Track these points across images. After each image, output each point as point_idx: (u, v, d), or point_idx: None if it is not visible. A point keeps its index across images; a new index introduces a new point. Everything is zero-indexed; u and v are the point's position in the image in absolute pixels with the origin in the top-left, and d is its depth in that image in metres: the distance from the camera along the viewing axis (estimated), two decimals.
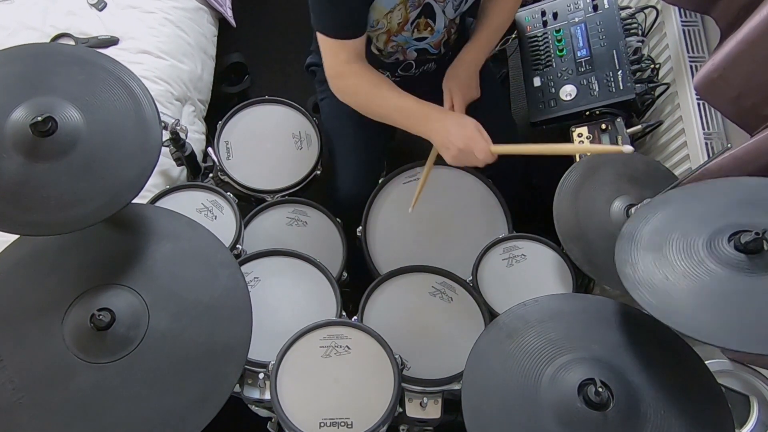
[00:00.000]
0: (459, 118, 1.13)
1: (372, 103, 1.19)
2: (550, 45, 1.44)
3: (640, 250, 0.82)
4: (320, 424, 1.03)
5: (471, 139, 1.09)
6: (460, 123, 1.11)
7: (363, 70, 1.18)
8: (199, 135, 1.70)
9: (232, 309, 0.92)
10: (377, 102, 1.18)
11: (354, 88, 1.19)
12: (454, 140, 1.09)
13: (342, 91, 1.22)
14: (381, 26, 1.18)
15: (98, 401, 0.83)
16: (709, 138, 1.20)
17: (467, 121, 1.12)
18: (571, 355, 0.81)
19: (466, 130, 1.10)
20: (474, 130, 1.10)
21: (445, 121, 1.12)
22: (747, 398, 0.96)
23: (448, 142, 1.10)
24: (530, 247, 1.29)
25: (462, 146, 1.09)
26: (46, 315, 0.87)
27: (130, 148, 0.89)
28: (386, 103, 1.17)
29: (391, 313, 1.21)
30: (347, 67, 1.17)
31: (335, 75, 1.19)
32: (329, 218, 1.38)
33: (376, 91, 1.17)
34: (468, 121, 1.12)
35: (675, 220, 0.84)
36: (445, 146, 1.11)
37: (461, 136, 1.09)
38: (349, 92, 1.21)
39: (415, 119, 1.15)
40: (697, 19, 1.31)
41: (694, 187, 0.93)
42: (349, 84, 1.20)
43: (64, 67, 0.91)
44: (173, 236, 0.97)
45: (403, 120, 1.17)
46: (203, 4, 1.86)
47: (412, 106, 1.15)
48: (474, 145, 1.09)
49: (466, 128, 1.10)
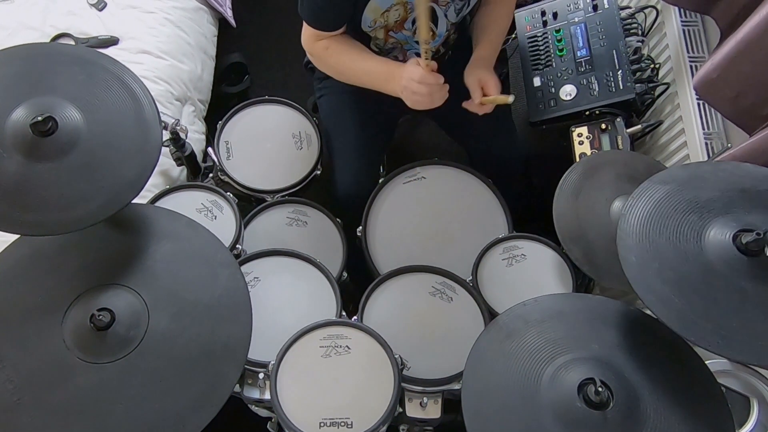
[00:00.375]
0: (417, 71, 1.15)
1: (344, 69, 1.27)
2: (550, 45, 1.44)
3: (639, 234, 0.82)
4: (320, 424, 1.03)
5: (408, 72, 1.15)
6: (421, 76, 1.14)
7: (331, 42, 1.23)
8: (199, 135, 1.70)
9: (232, 309, 0.92)
10: (347, 68, 1.26)
11: (325, 58, 1.27)
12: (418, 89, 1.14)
13: (317, 64, 1.31)
14: (378, 24, 1.19)
15: (98, 401, 0.83)
16: (709, 138, 1.20)
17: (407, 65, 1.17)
18: (571, 355, 0.81)
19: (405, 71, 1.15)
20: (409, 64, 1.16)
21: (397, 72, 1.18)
22: (747, 399, 0.96)
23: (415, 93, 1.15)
24: (530, 247, 1.29)
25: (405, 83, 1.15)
26: (46, 315, 0.87)
27: (130, 148, 0.89)
28: (355, 68, 1.24)
29: (391, 313, 1.21)
30: (317, 42, 1.24)
31: (310, 50, 1.27)
32: (329, 218, 1.38)
33: (345, 57, 1.24)
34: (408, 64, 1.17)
35: (676, 203, 0.83)
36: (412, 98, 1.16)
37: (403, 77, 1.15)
38: (323, 64, 1.29)
39: (381, 80, 1.21)
40: (697, 19, 1.31)
41: (697, 166, 0.91)
42: (320, 55, 1.27)
43: (64, 67, 0.91)
44: (173, 236, 0.97)
45: (372, 81, 1.24)
46: (203, 4, 1.85)
47: (375, 68, 1.22)
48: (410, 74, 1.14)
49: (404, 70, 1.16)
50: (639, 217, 0.83)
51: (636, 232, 0.82)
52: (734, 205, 0.81)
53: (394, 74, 1.18)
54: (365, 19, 1.17)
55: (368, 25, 1.19)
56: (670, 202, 0.83)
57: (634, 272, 0.78)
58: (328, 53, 1.24)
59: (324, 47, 1.23)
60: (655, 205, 0.84)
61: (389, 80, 1.19)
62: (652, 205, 0.84)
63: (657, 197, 0.85)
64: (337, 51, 1.23)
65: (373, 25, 1.19)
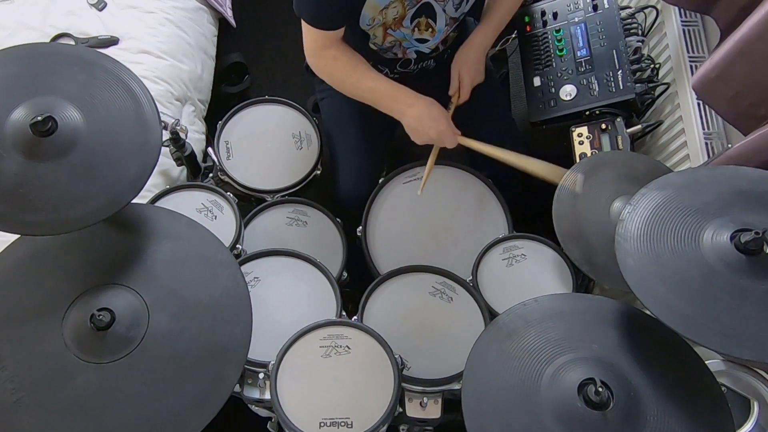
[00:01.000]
0: (430, 106, 1.21)
1: (346, 84, 1.26)
2: (550, 45, 1.44)
3: (638, 239, 0.82)
4: (320, 424, 1.03)
5: (444, 133, 1.21)
6: (434, 116, 1.20)
7: (339, 53, 1.23)
8: (199, 135, 1.70)
9: (232, 309, 0.92)
10: (351, 83, 1.25)
11: (330, 68, 1.26)
12: (427, 130, 1.20)
13: (318, 71, 1.28)
14: (377, 22, 1.19)
15: (98, 401, 0.82)
16: (709, 138, 1.20)
17: (440, 114, 1.21)
18: (571, 355, 0.81)
19: (440, 124, 1.20)
20: (446, 124, 1.22)
21: (418, 107, 1.20)
22: (747, 399, 0.96)
23: (420, 128, 1.20)
24: (530, 247, 1.29)
25: (434, 136, 1.21)
26: (46, 315, 0.87)
27: (130, 148, 0.89)
28: (359, 85, 1.24)
29: (391, 313, 1.21)
30: (324, 51, 1.23)
31: (312, 56, 1.25)
32: (329, 218, 1.38)
33: (351, 72, 1.24)
34: (440, 113, 1.22)
35: (674, 209, 0.83)
36: (417, 131, 1.21)
37: (434, 127, 1.20)
38: (325, 72, 1.28)
39: (386, 101, 1.23)
40: (697, 19, 1.31)
41: (694, 172, 0.92)
42: (325, 64, 1.26)
43: (64, 67, 0.91)
44: (173, 236, 0.97)
45: (375, 100, 1.24)
46: (203, 4, 1.85)
47: (383, 88, 1.23)
48: (445, 138, 1.22)
49: (440, 122, 1.20)
50: (637, 222, 0.83)
51: (634, 237, 0.82)
52: (732, 206, 0.81)
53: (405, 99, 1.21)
54: (363, 16, 1.17)
55: (366, 23, 1.19)
56: (667, 206, 0.83)
57: (632, 275, 0.79)
58: (337, 64, 1.23)
59: (333, 57, 1.22)
60: (652, 210, 0.84)
61: (395, 101, 1.21)
62: (649, 211, 0.84)
63: (654, 203, 0.85)
64: (345, 63, 1.23)
65: (371, 23, 1.19)
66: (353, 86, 1.25)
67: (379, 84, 1.23)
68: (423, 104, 1.20)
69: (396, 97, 1.22)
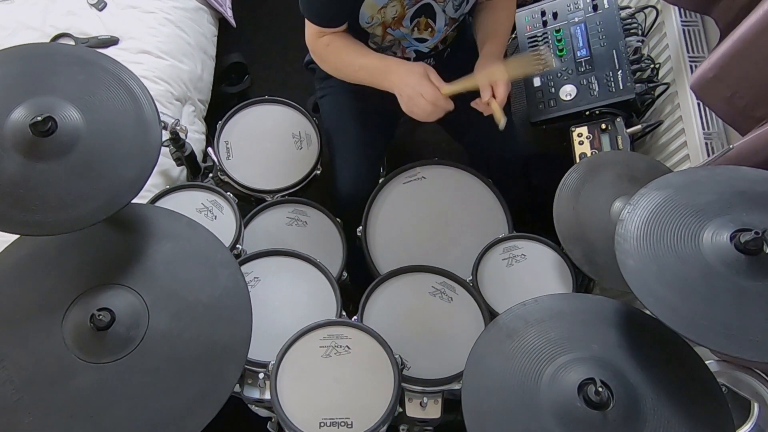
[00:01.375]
0: (411, 66, 1.14)
1: (341, 66, 1.25)
2: (550, 45, 1.44)
3: (638, 239, 0.82)
4: (320, 424, 1.03)
5: (419, 85, 1.10)
6: (409, 71, 1.12)
7: (332, 39, 1.22)
8: (199, 135, 1.70)
9: (232, 309, 0.92)
10: (345, 64, 1.23)
11: (325, 55, 1.25)
12: (404, 89, 1.11)
13: (316, 60, 1.29)
14: (376, 21, 1.19)
15: (98, 401, 0.82)
16: (709, 138, 1.20)
17: (414, 68, 1.13)
18: (571, 354, 0.81)
19: (413, 77, 1.11)
20: (420, 75, 1.11)
21: (399, 71, 1.14)
22: (747, 399, 0.96)
23: (401, 91, 1.12)
24: (530, 247, 1.29)
25: (411, 93, 1.10)
26: (46, 315, 0.87)
27: (130, 148, 0.89)
28: (352, 65, 1.22)
29: (391, 313, 1.21)
30: (319, 40, 1.23)
31: (310, 45, 1.26)
32: (329, 218, 1.38)
33: (344, 54, 1.22)
34: (415, 68, 1.13)
35: (674, 209, 0.83)
36: (401, 97, 1.13)
37: (410, 84, 1.11)
38: (321, 60, 1.27)
39: (377, 75, 1.18)
40: (697, 19, 1.31)
41: (694, 172, 0.92)
42: (321, 52, 1.25)
43: (64, 67, 0.91)
44: (173, 236, 0.97)
45: (369, 78, 1.20)
46: (203, 4, 1.85)
47: (371, 63, 1.19)
48: (421, 89, 1.09)
49: (412, 75, 1.11)
50: (636, 222, 0.83)
51: (634, 237, 0.82)
52: (731, 206, 0.81)
53: (394, 70, 1.16)
54: (362, 15, 1.17)
55: (366, 21, 1.19)
56: (667, 207, 0.83)
57: (632, 275, 0.78)
58: (329, 50, 1.23)
59: (325, 44, 1.23)
60: (652, 210, 0.84)
61: (387, 74, 1.17)
62: (649, 211, 0.84)
63: (654, 203, 0.85)
64: (337, 47, 1.23)
65: (370, 21, 1.19)
66: (347, 68, 1.24)
67: (369, 59, 1.21)
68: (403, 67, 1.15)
69: (382, 69, 1.18)
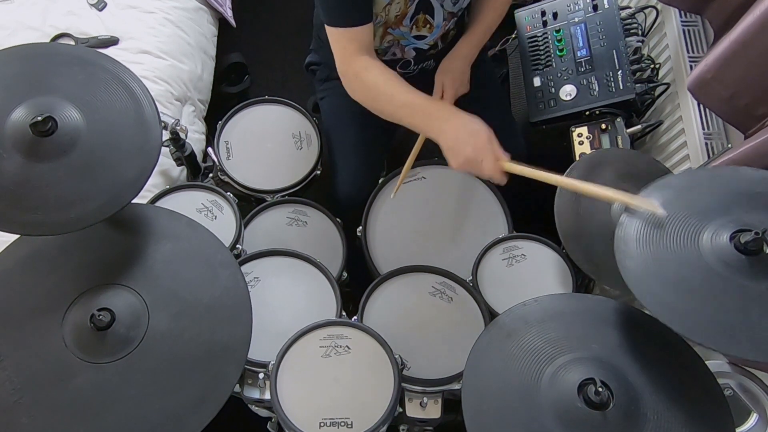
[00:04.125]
0: (472, 122, 1.06)
1: (379, 100, 1.15)
2: (550, 45, 1.44)
3: (638, 240, 0.82)
4: (320, 424, 1.03)
5: (482, 150, 1.03)
6: (473, 130, 1.05)
7: (371, 63, 1.14)
8: (199, 135, 1.70)
9: (232, 309, 0.92)
10: (385, 98, 1.13)
11: (362, 79, 1.14)
12: (463, 147, 1.03)
13: (350, 85, 1.17)
14: (380, 20, 1.19)
15: (98, 401, 0.83)
16: (709, 138, 1.20)
17: (481, 128, 1.05)
18: (571, 355, 0.81)
19: (479, 139, 1.03)
20: (486, 141, 1.04)
21: (456, 122, 1.06)
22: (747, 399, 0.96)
23: (456, 147, 1.04)
24: (530, 247, 1.29)
25: (471, 156, 1.03)
26: (46, 315, 0.87)
27: (130, 148, 0.89)
28: (393, 100, 1.12)
29: (391, 313, 1.21)
30: (357, 59, 1.13)
31: (344, 65, 1.15)
32: (329, 218, 1.38)
33: (384, 86, 1.12)
34: (481, 127, 1.05)
35: (673, 209, 0.83)
36: (453, 151, 1.05)
37: (472, 145, 1.03)
38: (357, 86, 1.16)
39: (422, 117, 1.09)
40: (697, 19, 1.31)
41: (693, 173, 0.92)
42: (356, 75, 1.15)
43: (64, 67, 0.91)
44: (173, 236, 0.97)
45: (409, 118, 1.11)
46: (203, 4, 1.85)
47: (419, 103, 1.10)
48: (484, 156, 1.02)
49: (478, 137, 1.04)
50: (636, 224, 0.83)
51: (633, 239, 0.82)
52: (731, 207, 0.81)
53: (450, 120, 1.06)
54: None
55: None
56: (667, 207, 0.83)
57: (632, 276, 0.79)
58: (368, 75, 1.13)
59: (363, 67, 1.13)
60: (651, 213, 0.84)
61: (441, 122, 1.07)
62: (649, 213, 0.84)
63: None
64: (375, 74, 1.12)
65: (375, 21, 1.18)
66: (387, 101, 1.13)
67: (414, 98, 1.10)
68: (462, 120, 1.06)
69: (432, 112, 1.08)
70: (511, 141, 1.44)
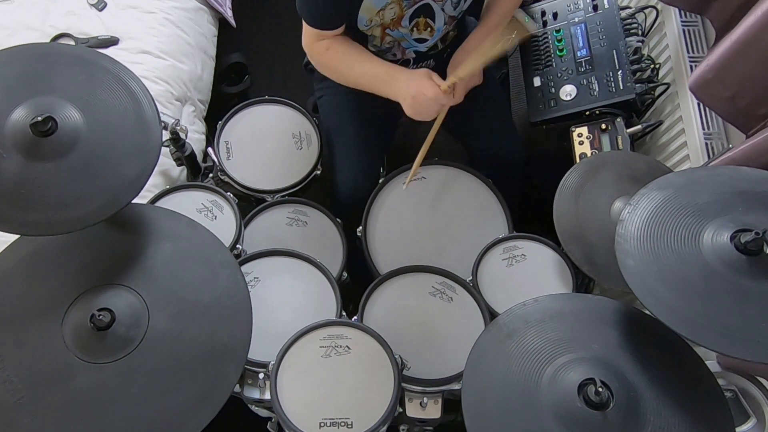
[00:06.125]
0: (411, 72, 1.18)
1: (341, 72, 1.26)
2: (550, 45, 1.44)
3: (638, 239, 0.82)
4: (320, 424, 1.03)
5: (420, 85, 1.13)
6: (411, 75, 1.16)
7: (331, 43, 1.22)
8: (199, 135, 1.70)
9: (232, 309, 0.92)
10: (344, 70, 1.25)
11: (324, 60, 1.26)
12: (406, 91, 1.14)
13: (315, 64, 1.30)
14: (374, 23, 1.19)
15: (98, 401, 0.83)
16: (709, 138, 1.20)
17: (415, 73, 1.17)
18: (571, 355, 0.81)
19: (414, 80, 1.15)
20: (422, 77, 1.15)
21: (400, 77, 1.17)
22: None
23: (404, 96, 1.15)
24: (530, 247, 1.29)
25: (414, 93, 1.13)
26: (46, 315, 0.87)
27: (130, 148, 0.89)
28: (353, 71, 1.23)
29: (391, 313, 1.21)
30: (317, 43, 1.23)
31: (308, 49, 1.27)
32: (329, 218, 1.38)
33: (344, 59, 1.23)
34: (416, 72, 1.17)
35: (674, 209, 0.83)
36: (403, 101, 1.16)
37: (411, 86, 1.14)
38: (321, 64, 1.28)
39: (379, 82, 1.20)
40: (697, 19, 1.31)
41: (694, 172, 0.92)
42: (320, 56, 1.26)
43: (64, 67, 0.91)
44: (173, 236, 0.97)
45: (371, 84, 1.22)
46: (203, 4, 1.85)
47: (374, 71, 1.21)
48: (423, 89, 1.13)
49: (413, 77, 1.15)
50: (636, 223, 0.83)
51: (634, 237, 0.82)
52: (731, 207, 0.81)
53: (397, 77, 1.18)
54: (361, 18, 1.17)
55: (364, 24, 1.19)
56: (667, 207, 0.83)
57: (633, 275, 0.79)
58: (329, 54, 1.23)
59: (325, 48, 1.23)
60: (652, 210, 0.84)
61: (390, 82, 1.19)
62: (649, 211, 0.84)
63: (654, 203, 0.85)
64: (337, 52, 1.23)
65: (369, 24, 1.19)
66: (348, 73, 1.25)
67: (371, 66, 1.21)
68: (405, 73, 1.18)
69: (384, 78, 1.19)
70: (510, 142, 1.45)
